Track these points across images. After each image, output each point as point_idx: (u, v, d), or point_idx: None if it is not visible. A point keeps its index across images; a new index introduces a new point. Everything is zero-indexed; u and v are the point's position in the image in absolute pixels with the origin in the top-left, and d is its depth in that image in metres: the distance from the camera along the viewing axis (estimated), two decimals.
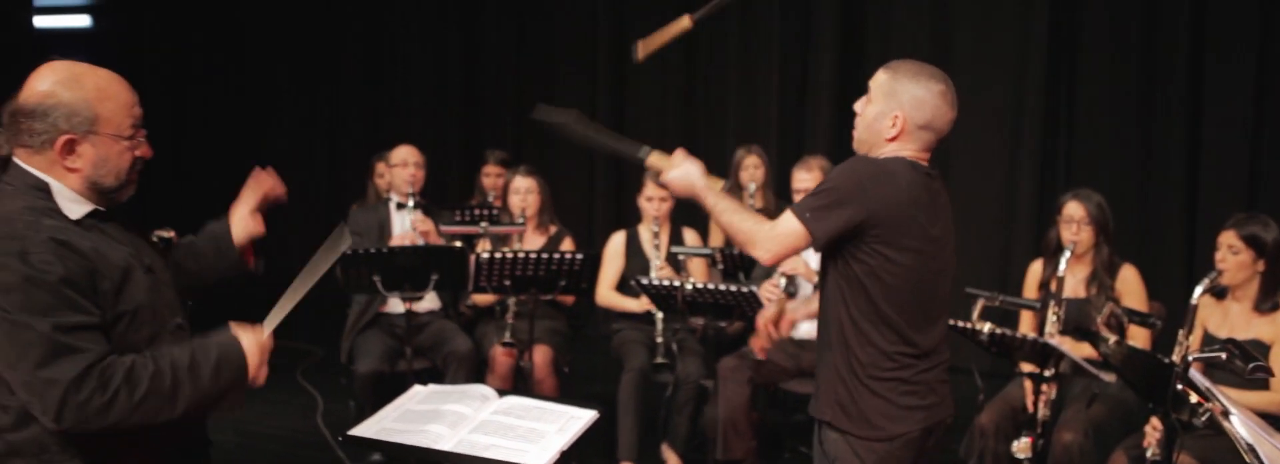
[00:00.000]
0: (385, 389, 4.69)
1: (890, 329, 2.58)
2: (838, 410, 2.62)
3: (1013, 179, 6.48)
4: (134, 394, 1.99)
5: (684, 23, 2.93)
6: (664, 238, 5.02)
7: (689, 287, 4.26)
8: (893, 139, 2.61)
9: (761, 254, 2.58)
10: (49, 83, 2.06)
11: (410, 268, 4.45)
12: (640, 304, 4.90)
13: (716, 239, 5.65)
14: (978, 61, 6.45)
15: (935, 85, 2.60)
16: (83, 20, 14.20)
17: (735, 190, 5.55)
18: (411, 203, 4.88)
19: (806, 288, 4.62)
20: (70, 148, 2.07)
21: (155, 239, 4.12)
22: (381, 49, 8.62)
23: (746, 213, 2.65)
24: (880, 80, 2.64)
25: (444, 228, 4.78)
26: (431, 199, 5.13)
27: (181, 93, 9.03)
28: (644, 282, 4.42)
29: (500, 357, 4.71)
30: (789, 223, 2.55)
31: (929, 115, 2.59)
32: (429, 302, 4.93)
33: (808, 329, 4.66)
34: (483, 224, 4.69)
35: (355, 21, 8.65)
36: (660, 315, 4.70)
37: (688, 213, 5.99)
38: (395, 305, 4.84)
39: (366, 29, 8.62)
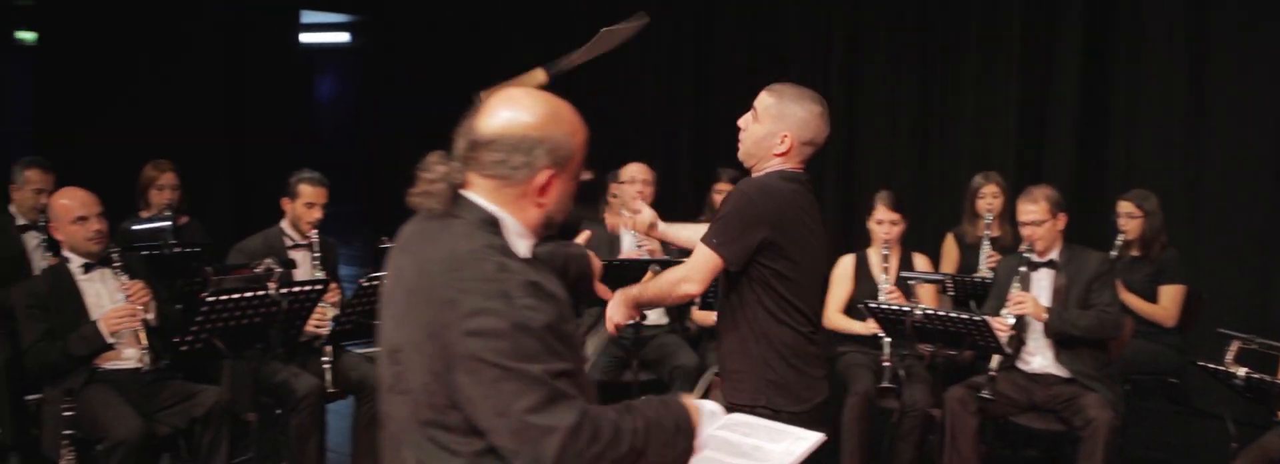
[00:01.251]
0: (609, 400, 4.83)
1: (800, 315, 2.98)
2: (773, 391, 2.95)
3: (1274, 206, 6.03)
4: (618, 448, 1.89)
5: (538, 76, 2.98)
6: (894, 262, 4.95)
7: (919, 312, 4.19)
8: (781, 155, 2.96)
9: (692, 288, 2.94)
10: (533, 115, 1.96)
11: (638, 282, 4.53)
12: (867, 327, 4.85)
13: (948, 265, 5.53)
14: (1237, 90, 6.07)
15: (816, 107, 2.99)
16: (342, 37, 15.20)
17: (973, 218, 5.41)
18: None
19: (1038, 326, 4.47)
20: (547, 183, 1.98)
21: None
22: (614, 64, 8.84)
23: (658, 277, 3.06)
24: (767, 103, 2.99)
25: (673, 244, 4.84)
26: (663, 216, 5.21)
27: (429, 106, 9.51)
28: (873, 305, 4.37)
29: (718, 381, 4.74)
30: (702, 253, 2.92)
31: (812, 133, 2.99)
32: (656, 316, 5.01)
33: (1041, 363, 4.51)
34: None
35: (587, 36, 8.89)
36: (887, 340, 4.64)
37: (918, 237, 5.91)
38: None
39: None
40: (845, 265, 5.10)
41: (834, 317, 5.02)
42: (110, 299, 4.21)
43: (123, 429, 3.88)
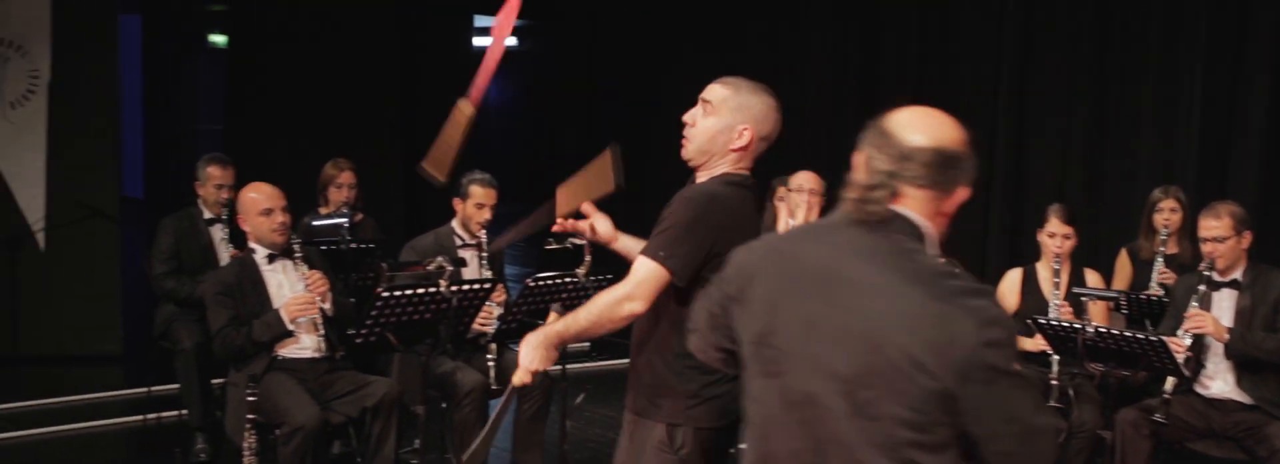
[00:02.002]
0: None
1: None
2: (694, 404, 2.76)
3: None
4: None
5: (465, 110, 2.91)
6: (1064, 277, 4.80)
7: (1091, 329, 4.05)
8: (738, 150, 2.76)
9: (637, 306, 2.67)
10: (957, 130, 2.00)
11: None
12: (1035, 344, 4.72)
13: (1120, 282, 5.34)
14: None
15: (773, 101, 2.79)
16: (511, 41, 15.49)
17: (1149, 233, 5.21)
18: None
19: (1218, 348, 4.27)
20: (960, 198, 2.02)
21: (570, 245, 4.44)
22: (780, 73, 8.81)
23: (592, 300, 2.74)
24: (723, 94, 2.78)
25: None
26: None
27: (590, 110, 9.67)
28: (1042, 321, 4.25)
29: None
30: (647, 270, 2.67)
31: (770, 128, 2.78)
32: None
33: (1221, 388, 4.31)
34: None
35: (754, 44, 8.90)
36: (1056, 357, 4.50)
37: (1088, 252, 5.71)
38: None
39: (766, 52, 8.84)
40: (1012, 279, 4.97)
41: None
42: (291, 289, 4.42)
43: (301, 415, 4.07)
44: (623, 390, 3.02)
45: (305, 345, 4.39)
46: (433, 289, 3.86)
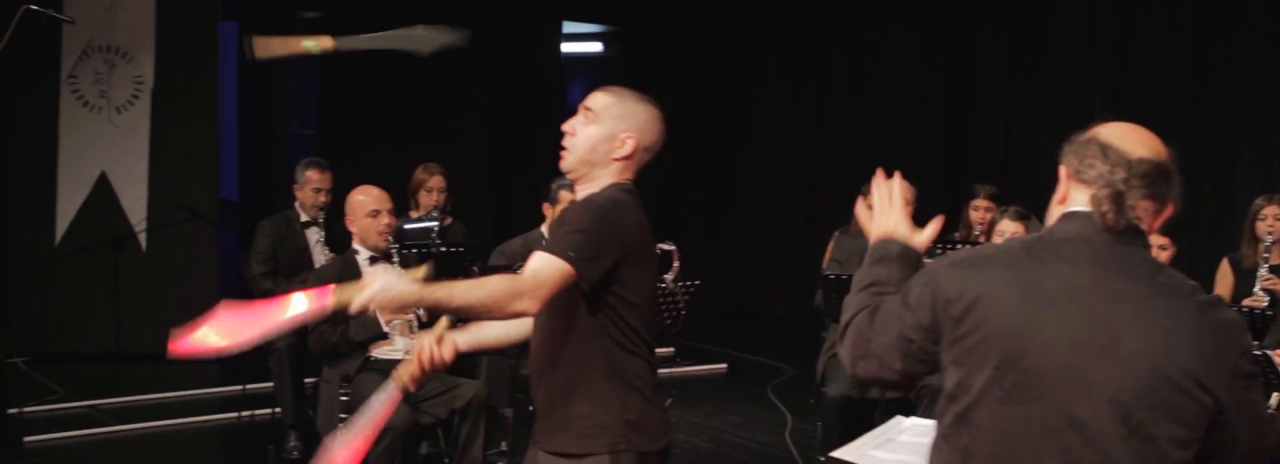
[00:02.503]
0: (853, 414, 4.80)
1: (645, 344, 2.62)
2: (633, 432, 2.57)
3: None
4: None
5: (326, 43, 2.82)
6: None
7: None
8: (621, 159, 2.61)
9: (529, 306, 2.38)
10: (1165, 146, 1.99)
11: None
12: None
13: (1222, 291, 5.19)
14: None
15: (657, 111, 2.68)
16: (595, 47, 15.63)
17: (1252, 242, 5.07)
18: None
19: None
20: (1165, 214, 2.00)
21: (658, 251, 4.44)
22: (865, 79, 8.75)
23: (478, 280, 2.44)
24: (606, 102, 2.64)
25: (928, 262, 4.74)
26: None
27: (676, 118, 9.66)
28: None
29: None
30: (552, 267, 2.41)
31: (654, 138, 2.65)
32: None
33: None
34: None
35: (843, 54, 8.84)
36: None
37: (1187, 263, 5.58)
38: None
39: (854, 61, 8.78)
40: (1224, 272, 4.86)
41: None
42: None
43: (393, 416, 4.12)
44: (708, 395, 2.99)
45: (398, 347, 4.45)
46: None
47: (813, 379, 5.23)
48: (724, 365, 7.17)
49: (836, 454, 2.64)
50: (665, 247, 4.55)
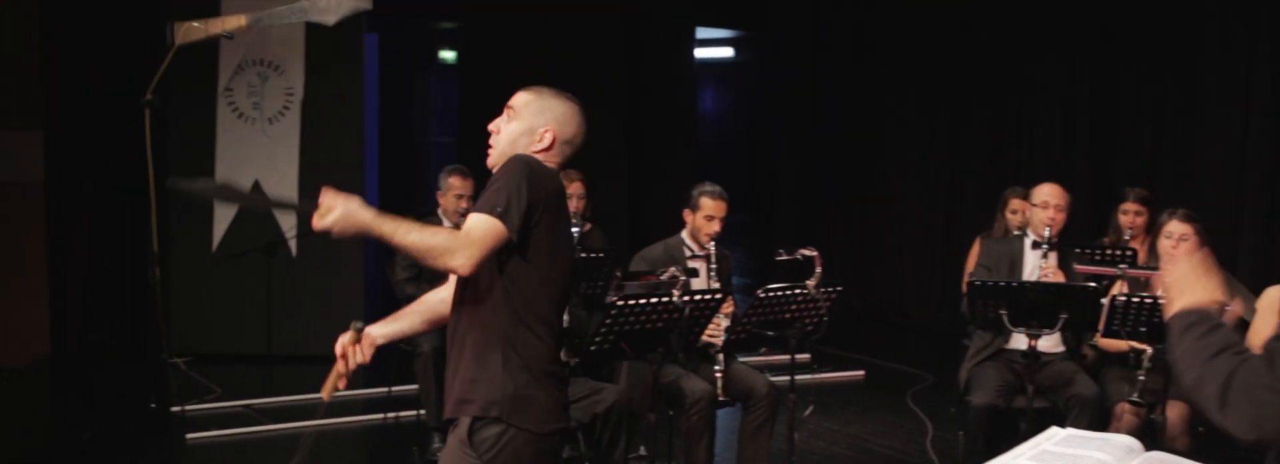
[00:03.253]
0: (998, 424, 4.69)
1: (546, 327, 2.68)
2: (509, 403, 2.62)
3: None
4: None
5: (239, 21, 2.73)
6: None
7: None
8: (540, 152, 2.74)
9: (462, 262, 2.48)
10: None
11: (1039, 304, 4.38)
12: None
13: None
14: None
15: (576, 105, 2.81)
16: (726, 52, 15.66)
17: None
18: (1046, 244, 4.78)
19: None
20: None
21: (799, 257, 4.42)
22: (1008, 77, 8.55)
23: (429, 227, 2.52)
24: (526, 99, 2.79)
25: (1079, 267, 4.63)
26: (1063, 236, 5.00)
27: (808, 121, 9.61)
28: None
29: (1126, 413, 4.47)
30: (483, 223, 2.52)
31: (573, 131, 2.79)
32: (1052, 341, 4.80)
33: None
34: (1121, 266, 4.47)
35: (984, 49, 8.66)
36: None
37: None
38: (1018, 341, 4.77)
39: (994, 57, 8.59)
40: (1271, 297, 4.63)
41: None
42: None
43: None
44: (847, 402, 2.96)
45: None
46: (666, 298, 3.90)
47: (952, 387, 5.13)
48: (862, 372, 7.09)
49: None
50: (807, 253, 4.52)
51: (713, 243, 4.83)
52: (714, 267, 4.81)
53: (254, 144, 7.16)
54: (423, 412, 5.46)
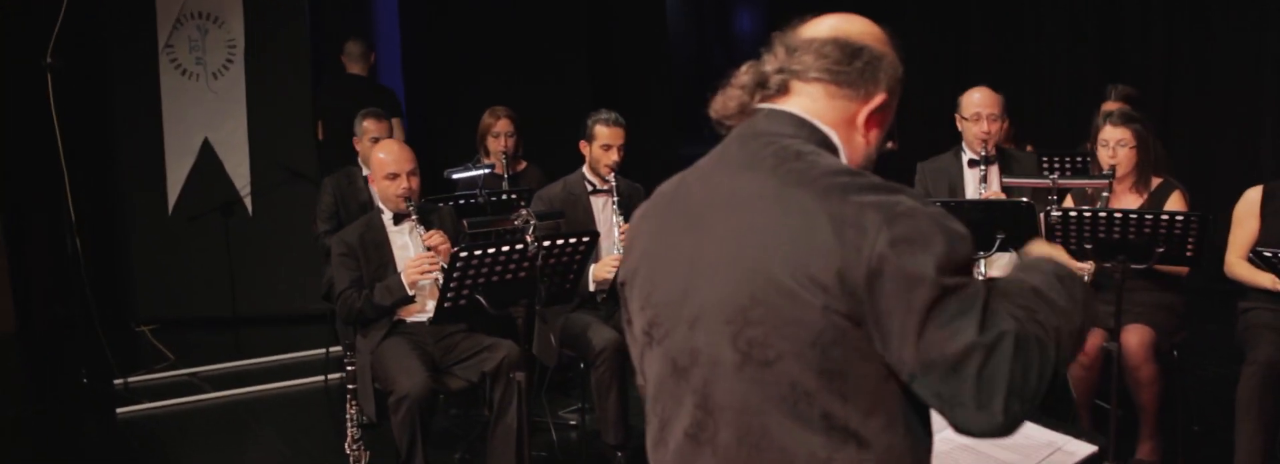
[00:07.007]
0: None
1: None
2: None
3: None
4: None
5: None
6: None
7: None
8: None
9: None
10: (873, 27, 1.75)
11: (974, 224, 3.87)
12: (1274, 281, 3.83)
13: None
14: None
15: None
16: None
17: None
18: (982, 161, 4.25)
19: None
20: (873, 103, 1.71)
21: None
22: (1008, 30, 7.80)
23: None
24: None
25: (1006, 181, 4.09)
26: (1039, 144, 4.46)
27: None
28: (1268, 254, 3.41)
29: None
30: None
31: None
32: (997, 266, 4.27)
33: None
34: (1052, 177, 3.86)
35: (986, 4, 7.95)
36: None
37: None
38: None
39: (999, 9, 7.84)
40: (1251, 200, 4.05)
41: (1234, 263, 4.02)
42: (415, 251, 4.18)
43: (407, 383, 3.84)
44: None
45: (429, 309, 4.14)
46: (518, 246, 3.49)
47: None
48: None
49: None
50: None
51: (614, 174, 4.39)
52: (616, 199, 4.37)
53: (200, 101, 6.86)
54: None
